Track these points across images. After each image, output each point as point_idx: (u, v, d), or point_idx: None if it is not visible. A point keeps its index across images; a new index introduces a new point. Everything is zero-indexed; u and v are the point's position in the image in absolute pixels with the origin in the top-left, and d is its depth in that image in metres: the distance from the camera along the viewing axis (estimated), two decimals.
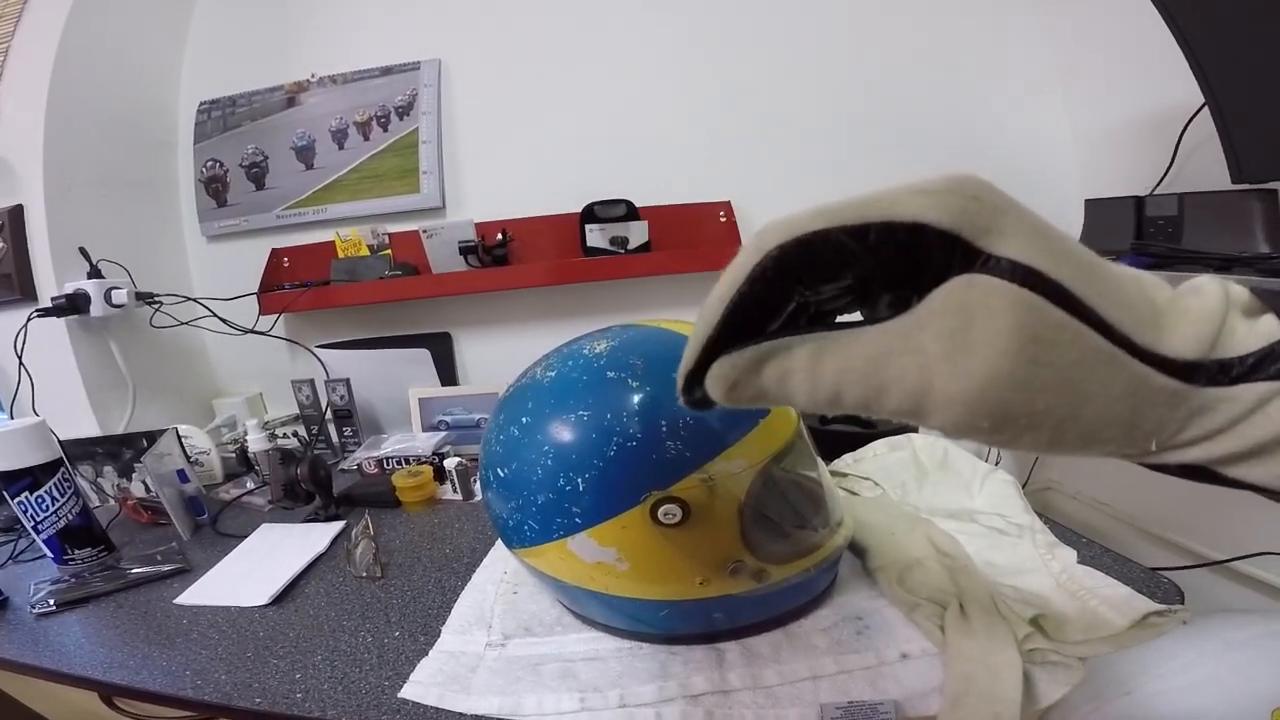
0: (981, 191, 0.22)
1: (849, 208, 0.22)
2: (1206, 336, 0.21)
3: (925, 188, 0.22)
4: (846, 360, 0.23)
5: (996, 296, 0.21)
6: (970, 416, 0.21)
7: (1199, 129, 0.97)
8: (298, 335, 1.40)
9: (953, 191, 0.22)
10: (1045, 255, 0.21)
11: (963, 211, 0.21)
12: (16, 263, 1.19)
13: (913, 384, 0.22)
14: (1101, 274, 0.22)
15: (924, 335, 0.22)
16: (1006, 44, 1.29)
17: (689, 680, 0.52)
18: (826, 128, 1.33)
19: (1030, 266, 0.21)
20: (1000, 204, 0.22)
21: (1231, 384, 0.21)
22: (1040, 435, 0.22)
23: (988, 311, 0.21)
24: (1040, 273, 0.21)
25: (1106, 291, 0.22)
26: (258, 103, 1.42)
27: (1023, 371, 0.21)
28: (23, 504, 0.86)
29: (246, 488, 1.15)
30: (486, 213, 1.35)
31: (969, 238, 0.21)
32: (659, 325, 0.57)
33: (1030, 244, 0.21)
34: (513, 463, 0.51)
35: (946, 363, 0.21)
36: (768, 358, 0.24)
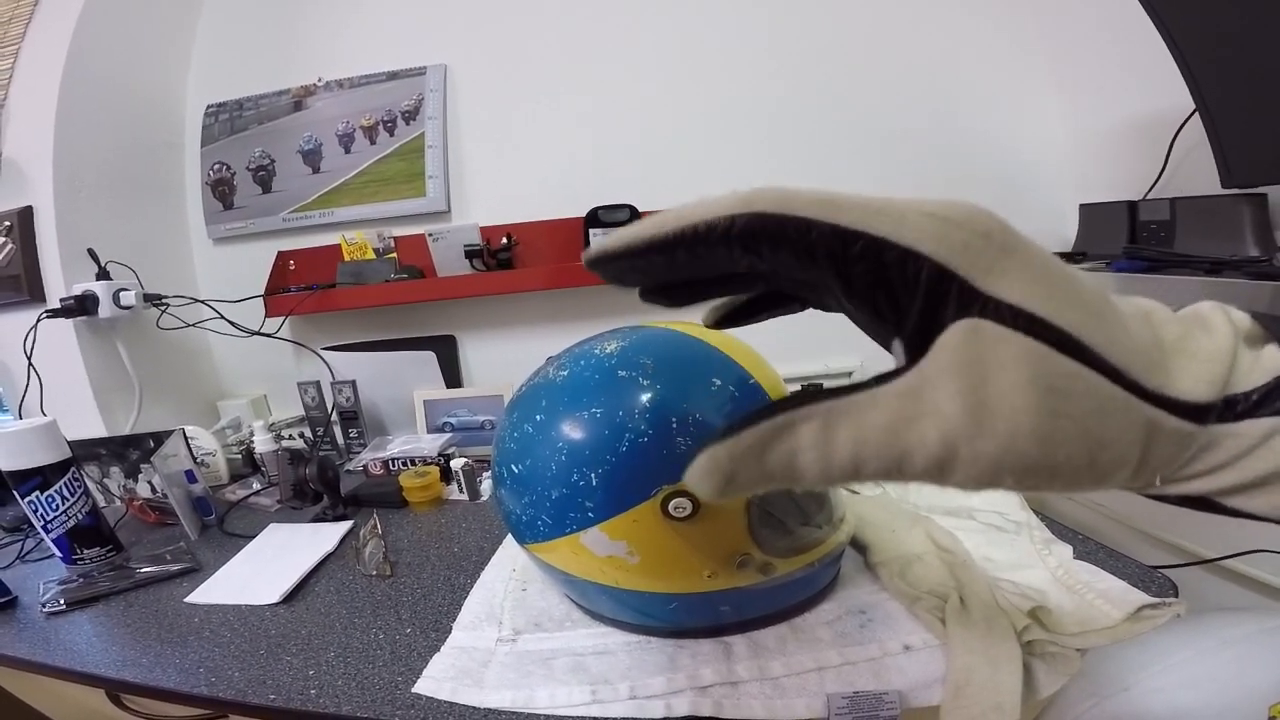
0: (993, 228, 0.21)
1: (852, 208, 0.21)
2: (1218, 378, 0.21)
3: (936, 211, 0.21)
4: (860, 430, 0.21)
5: (1006, 348, 0.20)
6: (995, 474, 0.20)
7: (1190, 134, 0.98)
8: (303, 337, 1.41)
9: (962, 224, 0.21)
10: (1048, 300, 0.20)
11: (965, 248, 0.20)
12: (25, 264, 1.20)
13: (935, 449, 0.20)
14: (1110, 317, 0.21)
15: (939, 395, 0.20)
16: (1002, 51, 1.31)
17: (697, 672, 0.54)
18: (827, 134, 1.35)
19: (1033, 313, 0.20)
20: (1009, 244, 0.21)
21: (1236, 420, 0.21)
22: (1058, 483, 0.21)
23: (999, 365, 0.20)
24: (1044, 319, 0.20)
25: (1114, 335, 0.21)
26: (265, 106, 1.43)
27: (1046, 426, 0.20)
28: (33, 503, 0.87)
29: (253, 488, 1.16)
30: (491, 217, 1.36)
31: (966, 276, 0.20)
32: (668, 326, 0.58)
33: (1033, 287, 0.20)
34: (527, 459, 0.53)
35: (969, 423, 0.20)
36: (770, 441, 0.21)
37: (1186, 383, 0.21)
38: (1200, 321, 0.23)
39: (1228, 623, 0.72)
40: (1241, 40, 0.80)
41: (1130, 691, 0.67)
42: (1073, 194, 1.28)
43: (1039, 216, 1.33)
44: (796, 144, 1.35)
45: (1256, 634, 0.70)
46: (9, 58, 1.23)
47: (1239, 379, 0.21)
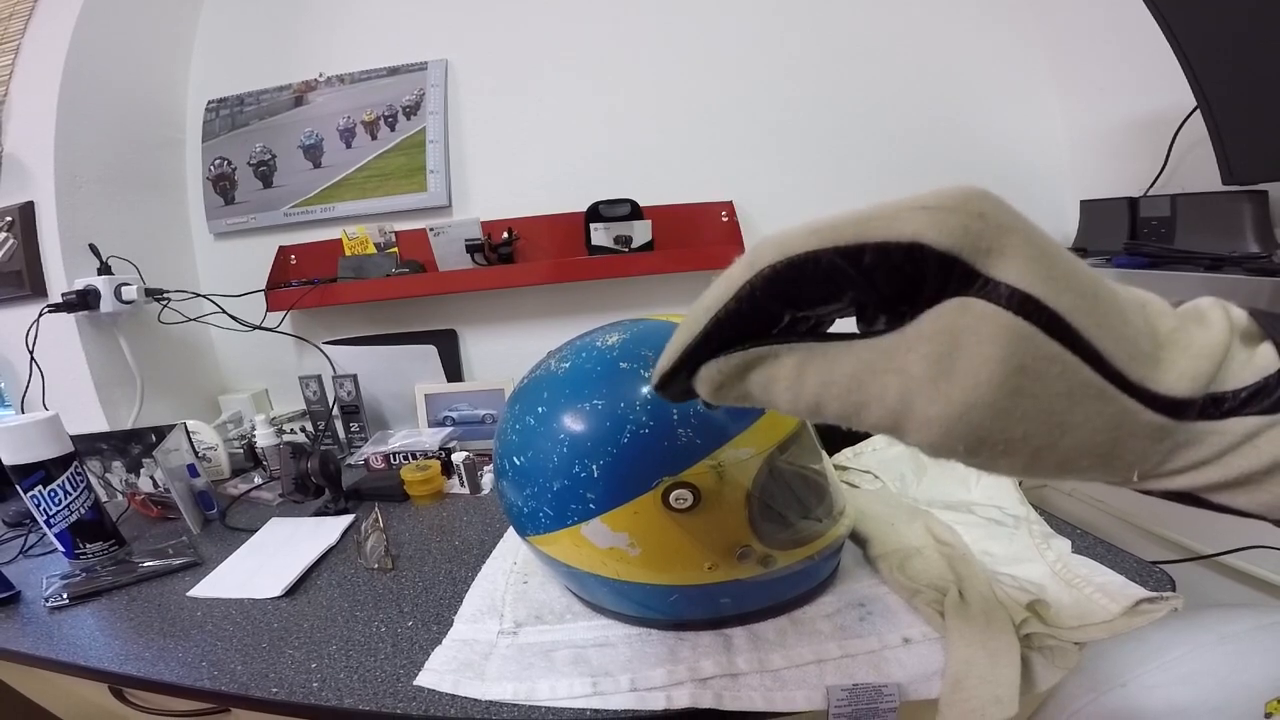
0: (987, 208, 0.21)
1: (846, 225, 0.22)
2: (1204, 374, 0.21)
3: (928, 203, 0.21)
4: (830, 374, 0.23)
5: (988, 324, 0.20)
6: (946, 439, 0.21)
7: (1192, 131, 0.99)
8: (304, 332, 1.42)
9: (956, 209, 0.21)
10: (1046, 281, 0.20)
11: (964, 231, 0.21)
12: (27, 259, 1.20)
13: (892, 403, 0.22)
14: (1106, 301, 0.21)
15: (910, 356, 0.21)
16: (1004, 48, 1.31)
17: (698, 664, 0.54)
18: (827, 130, 1.35)
19: (1028, 293, 0.20)
20: (1005, 222, 0.21)
21: (1222, 417, 0.21)
22: (1015, 461, 0.22)
23: (977, 339, 0.20)
24: (1038, 300, 0.20)
25: (1107, 321, 0.21)
26: (266, 102, 1.43)
27: (1004, 401, 0.20)
28: (36, 497, 0.87)
29: (254, 483, 1.16)
30: (492, 211, 1.36)
31: (968, 259, 0.21)
32: (668, 319, 0.58)
33: (1032, 268, 0.21)
34: (529, 451, 0.53)
35: (928, 385, 0.21)
36: (754, 364, 0.24)
37: (1171, 376, 0.21)
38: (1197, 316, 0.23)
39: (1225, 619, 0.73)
40: (1243, 38, 0.80)
41: (1128, 687, 0.68)
42: (1074, 190, 1.28)
43: (1040, 213, 1.32)
44: (796, 140, 1.35)
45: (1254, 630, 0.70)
46: (9, 54, 1.23)
47: (1229, 376, 0.21)
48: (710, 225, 1.33)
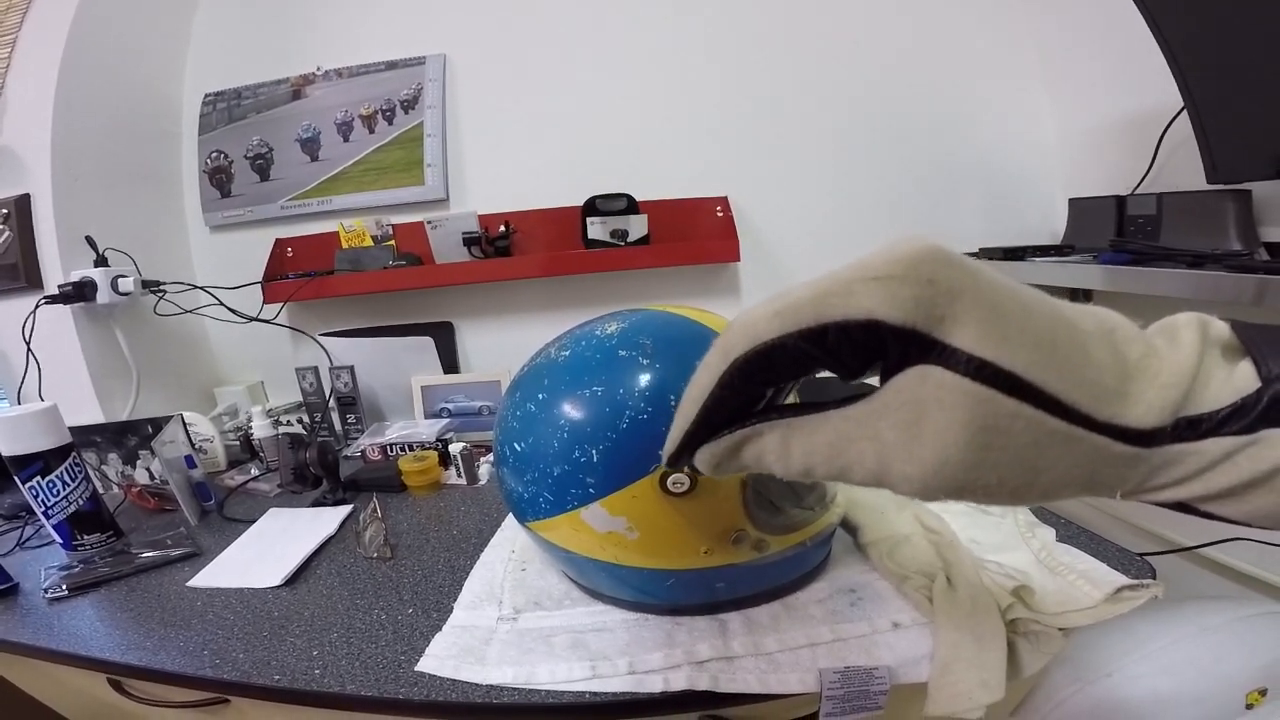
0: (937, 273, 0.22)
1: (805, 306, 0.24)
2: (1172, 403, 0.22)
3: (879, 272, 0.22)
4: (811, 445, 0.26)
5: (949, 391, 0.22)
6: (927, 491, 0.24)
7: (1179, 130, 1.00)
8: (301, 324, 1.42)
9: (906, 278, 0.22)
10: (1001, 343, 0.21)
11: (916, 303, 0.22)
12: (23, 251, 1.20)
13: (872, 465, 0.24)
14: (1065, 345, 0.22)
15: (880, 424, 0.24)
16: (996, 45, 1.33)
17: (694, 648, 0.55)
18: (820, 125, 1.36)
19: (984, 359, 0.21)
20: (956, 285, 0.22)
21: (1199, 439, 0.22)
22: (999, 498, 0.24)
23: (939, 406, 0.22)
24: (994, 365, 0.21)
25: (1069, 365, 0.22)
26: (263, 95, 1.43)
27: (973, 457, 0.22)
28: (34, 489, 0.86)
29: (251, 474, 1.16)
30: (490, 205, 1.36)
31: (923, 329, 0.22)
32: (665, 309, 0.59)
33: (986, 331, 0.22)
34: (529, 437, 0.54)
35: (901, 449, 0.23)
36: (743, 443, 0.28)
37: (1139, 410, 0.22)
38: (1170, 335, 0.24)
39: (1206, 610, 0.74)
40: (1230, 39, 0.82)
41: (1113, 677, 0.69)
42: (1063, 188, 1.30)
43: (1030, 210, 1.35)
44: (790, 136, 1.37)
45: (1234, 621, 0.72)
46: (6, 46, 1.22)
47: (1206, 398, 0.22)
48: (705, 220, 1.34)
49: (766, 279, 1.40)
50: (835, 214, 1.38)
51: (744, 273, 1.40)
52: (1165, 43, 0.89)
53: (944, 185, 1.36)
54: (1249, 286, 0.72)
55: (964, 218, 1.37)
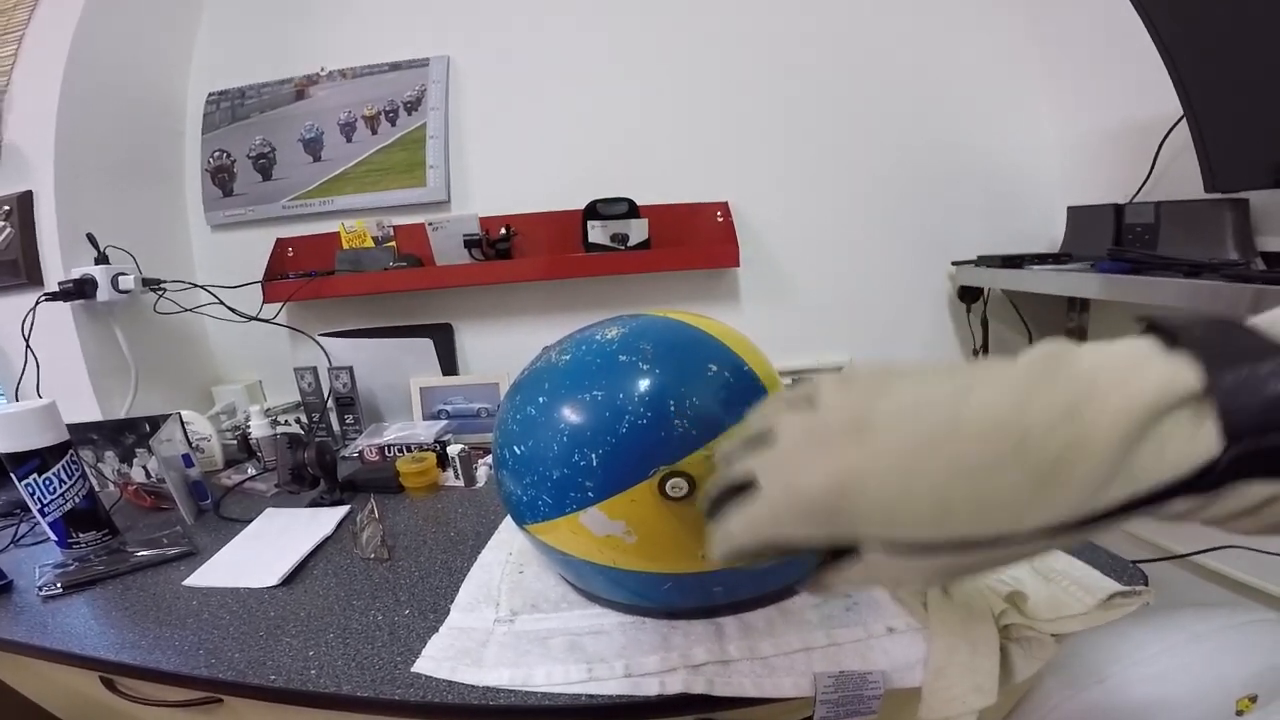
0: (840, 509, 0.26)
1: (763, 526, 0.29)
2: (1084, 504, 0.22)
3: (798, 512, 0.27)
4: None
5: (885, 569, 0.27)
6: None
7: (1178, 138, 1.01)
8: (300, 324, 1.42)
9: (815, 520, 0.26)
10: (910, 528, 0.25)
11: (830, 537, 0.27)
12: (24, 247, 1.20)
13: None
14: (969, 490, 0.24)
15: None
16: (998, 52, 1.33)
17: (690, 651, 0.55)
18: (820, 132, 1.37)
19: (900, 542, 0.25)
20: (857, 513, 0.25)
21: (1154, 504, 0.22)
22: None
23: (892, 575, 0.28)
24: (906, 543, 0.25)
25: (977, 509, 0.24)
26: (267, 95, 1.43)
27: (948, 584, 0.28)
28: (30, 486, 0.86)
29: (248, 473, 1.16)
30: (491, 207, 1.37)
31: (845, 546, 0.28)
32: (666, 315, 0.60)
33: (890, 528, 0.25)
34: (529, 440, 0.54)
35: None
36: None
37: (1060, 509, 0.23)
38: (1114, 403, 0.22)
39: (1199, 618, 0.75)
40: (1230, 47, 0.82)
41: (1105, 684, 0.70)
42: (1061, 196, 1.31)
43: (1029, 217, 1.36)
44: (789, 142, 1.38)
45: (1226, 629, 0.73)
46: (12, 43, 1.23)
47: (1162, 466, 0.22)
48: (706, 224, 1.35)
49: (765, 284, 1.40)
50: (835, 220, 1.39)
51: (743, 278, 1.40)
52: (1165, 50, 0.89)
53: (943, 192, 1.37)
54: (1245, 296, 0.72)
55: (963, 224, 1.37)
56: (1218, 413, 0.21)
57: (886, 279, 1.40)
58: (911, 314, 1.42)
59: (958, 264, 1.34)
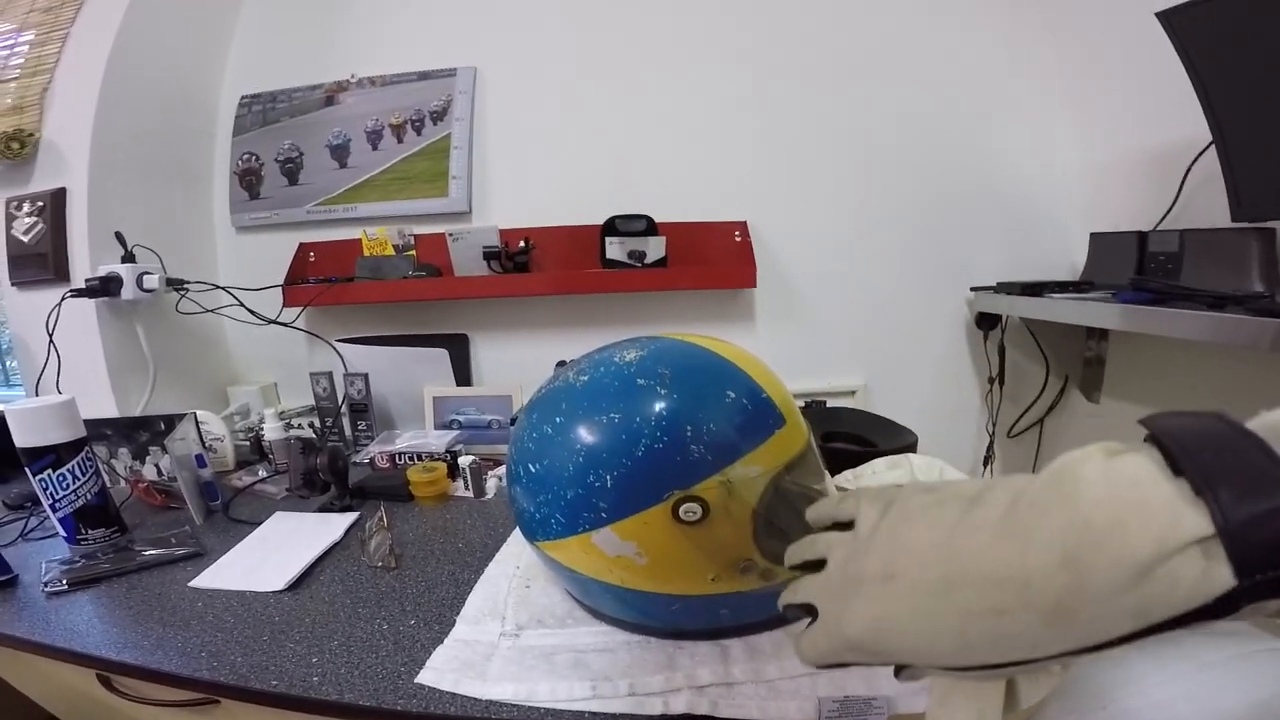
0: (881, 644, 0.29)
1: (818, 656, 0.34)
2: (1098, 625, 0.22)
3: (852, 645, 0.31)
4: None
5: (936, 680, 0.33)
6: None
7: (1205, 166, 0.99)
8: (318, 329, 1.43)
9: (868, 653, 0.30)
10: (932, 660, 0.28)
11: (880, 662, 0.31)
12: (54, 243, 1.22)
13: None
14: (994, 615, 0.25)
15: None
16: (1021, 77, 1.33)
17: (695, 672, 0.55)
18: (841, 154, 1.37)
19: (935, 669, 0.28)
20: (896, 650, 0.29)
21: (1162, 629, 0.22)
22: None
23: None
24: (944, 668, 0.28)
25: (999, 639, 0.25)
26: (297, 100, 1.45)
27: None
28: (44, 481, 0.86)
29: (259, 475, 1.17)
30: (510, 220, 1.38)
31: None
32: (684, 339, 0.60)
33: (924, 661, 0.28)
34: (544, 459, 0.54)
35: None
36: None
37: (1075, 643, 0.24)
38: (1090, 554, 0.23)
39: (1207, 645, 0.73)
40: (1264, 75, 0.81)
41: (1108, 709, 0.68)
42: (1084, 222, 1.30)
43: (1050, 243, 1.35)
44: (810, 163, 1.38)
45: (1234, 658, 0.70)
46: (57, 41, 1.25)
47: (1174, 601, 0.21)
48: (723, 244, 1.35)
49: (781, 305, 1.40)
50: (853, 243, 1.38)
51: (759, 298, 1.40)
52: (1197, 75, 0.88)
53: (964, 216, 1.36)
54: (1269, 331, 0.71)
55: (983, 249, 1.37)
56: (1228, 553, 0.20)
57: (903, 303, 1.39)
58: (927, 339, 1.41)
59: (976, 289, 1.33)
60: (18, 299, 1.29)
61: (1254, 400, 0.88)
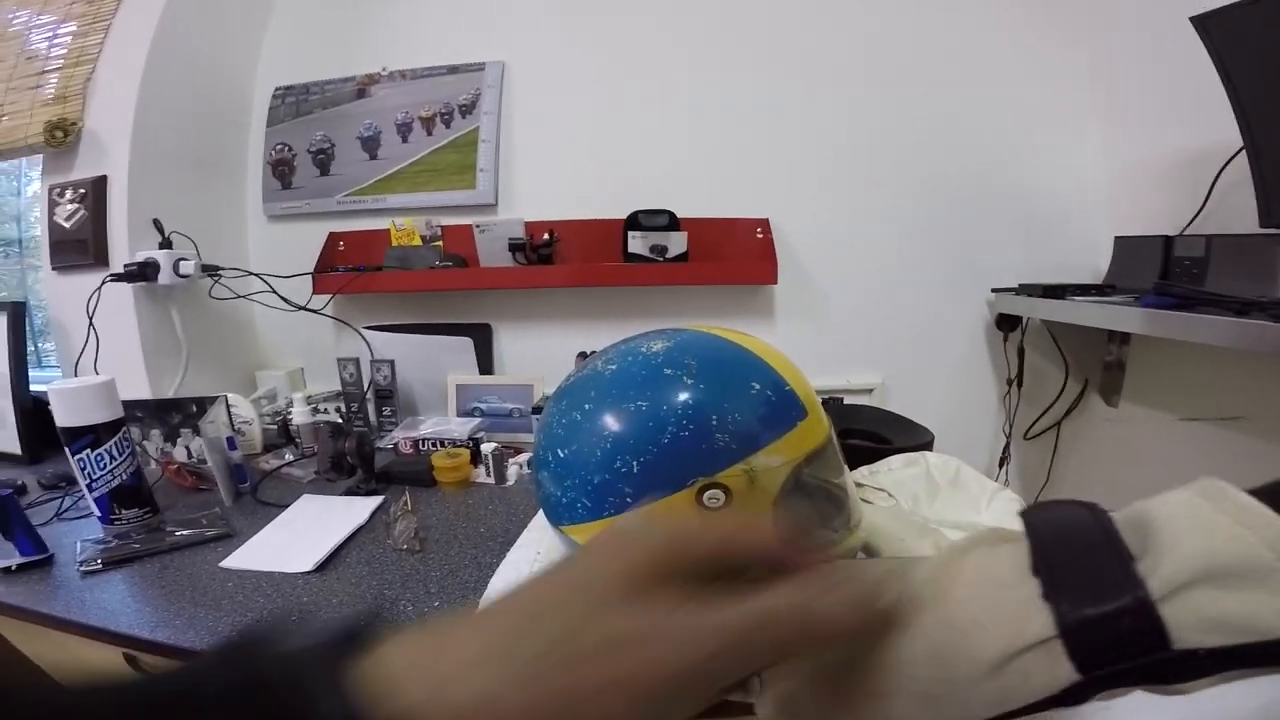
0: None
1: None
2: (963, 709, 0.24)
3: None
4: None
5: None
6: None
7: (1234, 171, 0.98)
8: (346, 316, 1.46)
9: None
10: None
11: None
12: (94, 229, 1.26)
13: None
14: (878, 698, 0.26)
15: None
16: (1049, 75, 1.32)
17: None
18: (863, 153, 1.37)
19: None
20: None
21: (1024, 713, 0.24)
22: None
23: None
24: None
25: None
26: (330, 92, 1.48)
27: None
28: (82, 460, 0.88)
29: (286, 459, 1.19)
30: (535, 213, 1.39)
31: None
32: (709, 331, 0.61)
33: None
34: (573, 444, 0.56)
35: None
36: None
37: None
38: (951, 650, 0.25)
39: None
40: None
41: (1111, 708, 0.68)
42: (1109, 225, 1.29)
43: (1074, 245, 1.34)
44: (832, 160, 1.38)
45: None
46: (100, 32, 1.28)
47: (1025, 691, 0.23)
48: (745, 240, 1.36)
49: (801, 302, 1.41)
50: (873, 240, 1.39)
51: (779, 294, 1.40)
52: (1229, 79, 0.88)
53: (986, 217, 1.36)
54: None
55: (1005, 250, 1.36)
56: (1068, 654, 0.22)
57: (923, 303, 1.40)
58: (946, 339, 1.41)
59: (997, 291, 1.33)
60: (58, 283, 1.33)
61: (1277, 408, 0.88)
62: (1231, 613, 0.20)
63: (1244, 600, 0.20)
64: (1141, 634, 0.21)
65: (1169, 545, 0.22)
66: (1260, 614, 0.20)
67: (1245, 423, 1.05)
